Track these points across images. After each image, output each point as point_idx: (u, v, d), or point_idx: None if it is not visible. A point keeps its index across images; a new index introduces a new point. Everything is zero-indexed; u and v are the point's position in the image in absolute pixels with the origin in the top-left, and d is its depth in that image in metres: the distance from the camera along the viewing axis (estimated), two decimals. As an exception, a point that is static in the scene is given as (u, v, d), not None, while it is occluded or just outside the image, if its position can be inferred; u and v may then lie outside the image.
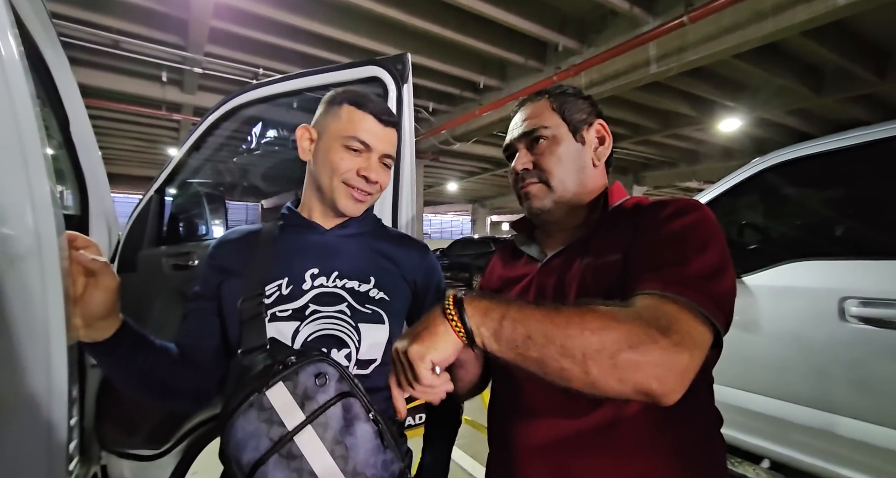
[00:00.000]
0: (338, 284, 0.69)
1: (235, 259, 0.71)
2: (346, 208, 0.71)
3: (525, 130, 0.67)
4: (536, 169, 0.66)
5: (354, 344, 0.68)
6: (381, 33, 5.00)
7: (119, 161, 11.76)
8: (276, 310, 0.66)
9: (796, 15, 3.46)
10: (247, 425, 0.55)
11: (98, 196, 1.23)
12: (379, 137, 0.70)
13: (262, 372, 0.59)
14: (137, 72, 5.84)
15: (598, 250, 0.59)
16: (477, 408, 2.02)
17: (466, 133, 7.53)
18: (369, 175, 0.69)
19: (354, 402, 0.59)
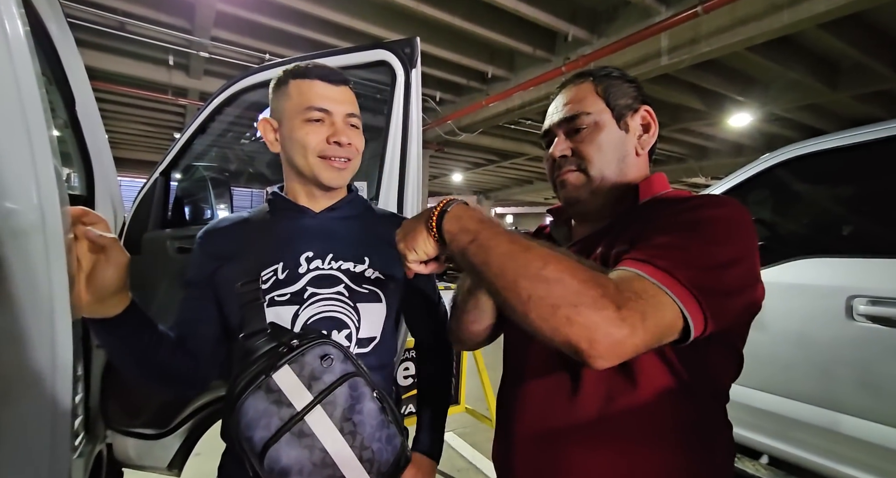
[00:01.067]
0: (333, 266, 0.69)
1: (228, 246, 0.71)
2: (329, 181, 0.70)
3: (565, 116, 0.63)
4: (575, 156, 0.62)
5: (354, 324, 0.69)
6: (389, 20, 4.93)
7: (124, 145, 11.76)
8: (273, 295, 0.66)
9: (814, 6, 3.37)
10: (257, 404, 0.57)
11: (104, 177, 1.23)
12: (334, 98, 0.69)
13: (266, 355, 0.60)
14: (143, 55, 5.80)
15: (612, 241, 0.56)
16: (478, 398, 2.04)
17: (473, 124, 7.46)
18: (340, 139, 0.67)
19: (359, 381, 0.61)
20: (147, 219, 1.34)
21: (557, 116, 0.65)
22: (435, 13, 4.61)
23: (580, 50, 5.15)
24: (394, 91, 1.15)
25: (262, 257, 0.68)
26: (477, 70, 6.26)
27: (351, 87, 0.73)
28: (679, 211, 0.53)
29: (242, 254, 0.69)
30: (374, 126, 1.24)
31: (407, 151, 1.16)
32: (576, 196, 0.63)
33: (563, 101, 0.65)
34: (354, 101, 0.72)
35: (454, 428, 2.45)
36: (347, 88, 0.71)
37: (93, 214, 0.55)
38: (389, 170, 1.17)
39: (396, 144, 1.16)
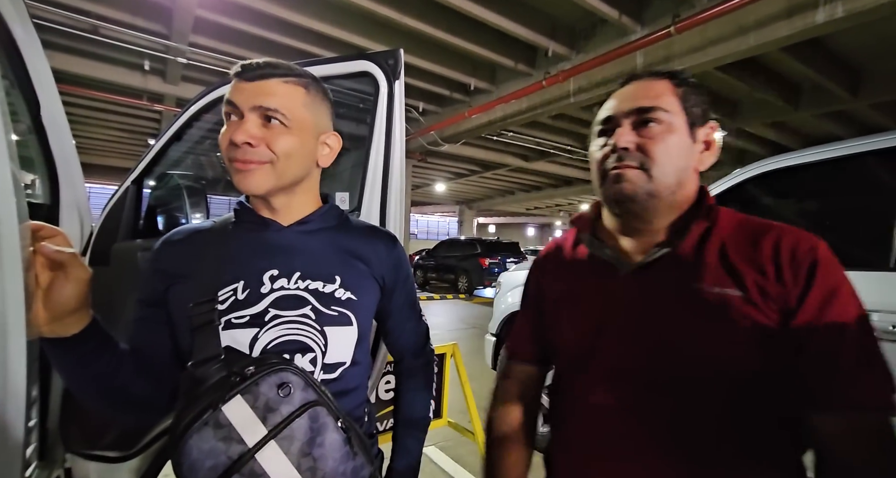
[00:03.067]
0: (300, 286, 0.63)
1: (183, 261, 0.63)
2: (239, 185, 0.60)
3: (641, 106, 0.57)
4: (640, 152, 0.56)
5: (320, 348, 0.62)
6: (372, 31, 4.96)
7: (97, 151, 11.34)
8: (231, 317, 0.60)
9: (777, 30, 3.57)
10: (202, 444, 0.50)
11: (70, 185, 1.17)
12: (244, 91, 0.59)
13: (217, 385, 0.54)
14: (118, 59, 5.65)
15: (715, 276, 0.53)
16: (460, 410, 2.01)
17: (455, 134, 7.54)
18: (234, 137, 0.58)
19: (321, 410, 0.55)
20: (117, 229, 1.29)
21: (629, 105, 0.58)
22: (418, 25, 4.67)
23: (560, 65, 5.30)
24: (377, 102, 1.14)
25: (221, 275, 0.61)
26: (460, 82, 6.36)
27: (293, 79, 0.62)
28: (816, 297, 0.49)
29: (199, 271, 0.62)
30: (357, 136, 1.23)
31: (390, 162, 1.15)
32: (631, 194, 0.57)
33: (638, 91, 0.59)
34: (281, 93, 0.60)
35: (436, 442, 2.41)
36: (267, 81, 0.60)
37: (48, 228, 0.51)
38: (372, 181, 1.16)
39: (379, 155, 1.15)
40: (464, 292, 10.24)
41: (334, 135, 0.68)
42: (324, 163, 0.68)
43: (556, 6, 4.71)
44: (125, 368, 0.60)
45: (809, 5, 3.38)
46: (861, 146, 1.51)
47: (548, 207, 21.67)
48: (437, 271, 11.36)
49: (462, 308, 8.01)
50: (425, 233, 30.74)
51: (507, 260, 10.00)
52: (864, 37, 4.51)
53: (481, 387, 3.28)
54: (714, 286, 0.52)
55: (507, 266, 9.27)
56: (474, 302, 8.90)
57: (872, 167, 1.51)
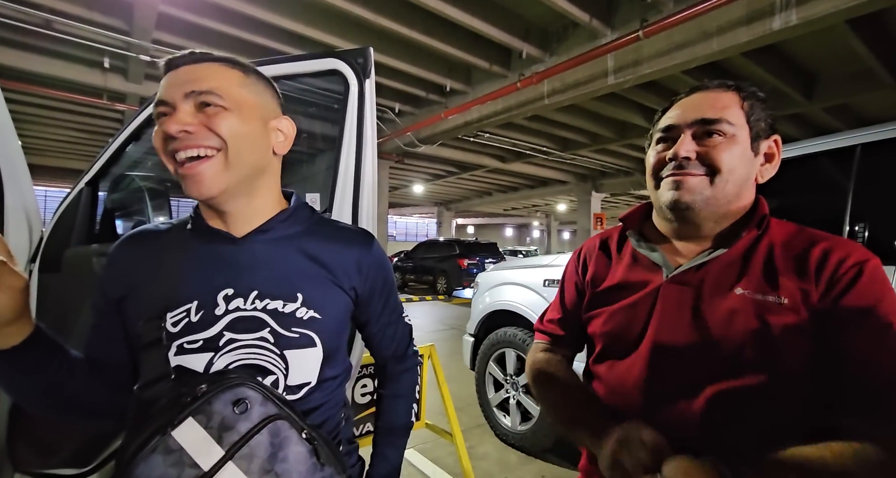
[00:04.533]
0: (258, 306, 0.58)
1: (137, 269, 0.59)
2: (190, 190, 0.55)
3: (706, 117, 0.58)
4: (700, 161, 0.58)
5: (282, 372, 0.58)
6: (346, 30, 4.89)
7: (54, 152, 10.73)
8: (183, 341, 0.55)
9: (738, 36, 3.73)
10: (150, 472, 0.46)
11: (16, 187, 1.10)
12: (175, 82, 0.54)
13: (167, 406, 0.50)
14: (75, 56, 5.35)
15: (758, 283, 0.54)
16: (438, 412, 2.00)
17: (432, 136, 7.53)
18: (168, 128, 0.51)
19: (283, 424, 0.51)
20: (70, 233, 1.21)
21: (693, 115, 0.59)
22: (393, 25, 4.64)
23: (534, 67, 5.38)
24: (347, 101, 1.12)
25: (173, 292, 0.57)
26: (435, 83, 6.35)
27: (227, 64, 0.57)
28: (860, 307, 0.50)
29: (151, 282, 0.58)
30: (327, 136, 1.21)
31: (362, 162, 1.13)
32: (690, 201, 0.58)
33: (704, 101, 0.60)
34: (213, 75, 0.55)
35: (414, 444, 2.39)
36: (192, 66, 0.55)
37: None
38: (343, 181, 1.13)
39: (351, 155, 1.13)
40: (443, 294, 10.23)
41: (286, 119, 0.63)
42: (280, 150, 0.62)
43: (528, 8, 4.77)
44: (78, 376, 0.56)
45: (767, 13, 3.54)
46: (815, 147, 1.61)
47: (525, 208, 21.94)
48: (415, 273, 11.32)
49: (441, 309, 8.00)
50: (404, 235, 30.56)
51: (486, 261, 10.06)
52: (818, 44, 4.77)
53: (460, 388, 3.27)
54: (756, 293, 0.54)
55: (486, 267, 9.32)
56: (453, 303, 8.91)
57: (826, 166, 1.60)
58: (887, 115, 5.20)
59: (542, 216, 25.48)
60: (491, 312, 2.60)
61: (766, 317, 0.52)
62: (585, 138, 8.97)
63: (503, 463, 2.26)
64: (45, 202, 15.22)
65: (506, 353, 2.48)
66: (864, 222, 1.41)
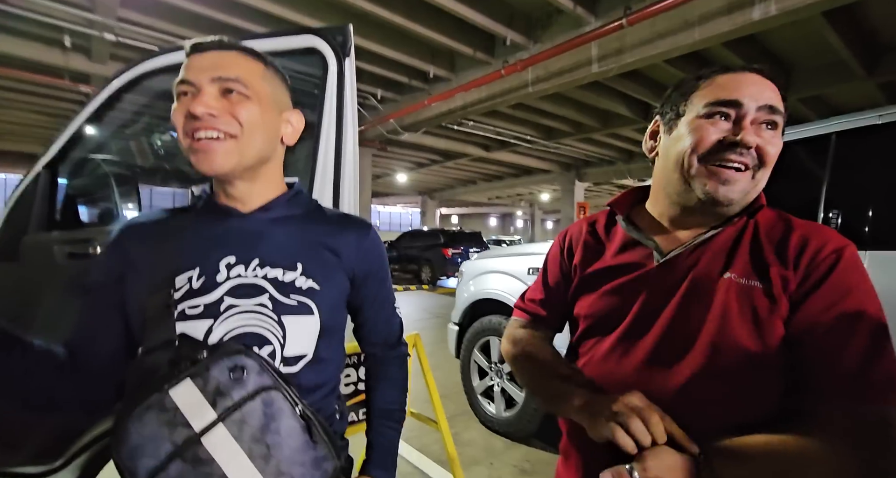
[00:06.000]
0: (258, 274, 0.60)
1: (143, 247, 0.61)
2: (199, 164, 0.57)
3: (773, 105, 0.55)
4: (757, 153, 0.55)
5: (279, 340, 0.59)
6: (324, 12, 4.72)
7: (11, 136, 10.14)
8: (184, 306, 0.57)
9: (720, 26, 3.76)
10: (143, 428, 0.48)
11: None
12: (201, 66, 0.57)
13: (168, 371, 0.51)
14: (31, 33, 5.01)
15: (745, 268, 0.55)
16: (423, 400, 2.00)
17: (415, 123, 7.42)
18: (194, 109, 0.54)
19: (276, 395, 0.52)
20: (27, 220, 1.14)
21: (763, 98, 0.55)
22: (374, 8, 4.50)
23: (518, 54, 5.32)
24: (325, 82, 1.07)
25: (176, 262, 0.59)
26: (418, 69, 6.23)
27: (250, 54, 0.61)
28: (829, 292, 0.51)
29: (156, 258, 0.60)
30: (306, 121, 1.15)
31: (342, 145, 1.09)
32: (734, 199, 0.55)
33: (766, 88, 0.56)
34: (238, 64, 0.58)
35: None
36: (219, 52, 0.59)
37: None
38: (323, 166, 1.09)
39: (330, 139, 1.08)
40: (427, 283, 10.23)
41: (297, 112, 0.67)
42: (288, 141, 0.67)
43: (513, -6, 4.71)
44: (43, 367, 0.54)
45: (747, 3, 3.58)
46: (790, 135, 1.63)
47: (509, 197, 22.03)
48: (400, 262, 11.27)
49: (426, 299, 8.00)
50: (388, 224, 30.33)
51: (470, 250, 10.09)
52: (795, 35, 4.86)
53: (445, 376, 3.29)
54: (743, 278, 0.54)
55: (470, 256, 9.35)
56: (438, 292, 8.92)
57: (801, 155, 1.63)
58: (858, 106, 5.37)
59: (526, 205, 25.65)
60: (475, 301, 2.61)
61: (752, 302, 0.53)
62: (569, 127, 9.00)
63: (489, 449, 2.29)
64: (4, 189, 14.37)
65: (490, 341, 2.50)
66: (838, 209, 1.45)
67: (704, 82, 0.60)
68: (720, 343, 0.53)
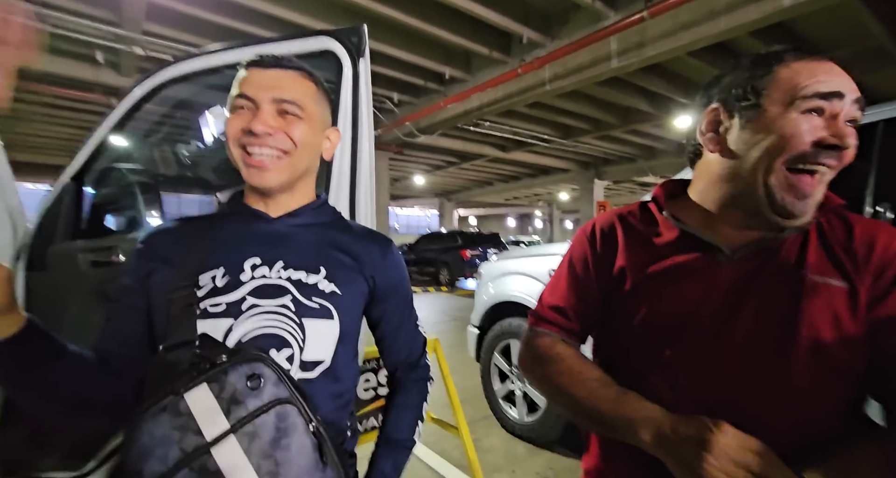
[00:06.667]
0: (282, 275, 0.60)
1: (170, 248, 0.62)
2: (251, 179, 0.61)
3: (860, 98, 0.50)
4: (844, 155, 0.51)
5: (298, 343, 0.59)
6: (341, 17, 4.77)
7: (46, 149, 10.65)
8: (207, 304, 0.57)
9: (747, 14, 3.61)
10: (155, 429, 0.47)
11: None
12: (261, 83, 0.60)
13: (186, 371, 0.51)
14: (64, 50, 5.25)
15: (820, 266, 0.52)
16: (443, 405, 1.97)
17: (431, 125, 7.42)
18: (254, 127, 0.58)
19: (291, 410, 0.51)
20: (55, 230, 1.16)
21: (856, 92, 0.50)
22: (390, 12, 4.52)
23: (535, 52, 5.25)
24: (340, 84, 1.05)
25: (202, 261, 0.60)
26: (434, 71, 6.23)
27: (305, 74, 0.64)
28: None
29: (183, 257, 0.60)
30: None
31: (358, 149, 1.07)
32: (806, 212, 0.52)
33: (847, 77, 0.51)
34: (295, 86, 0.62)
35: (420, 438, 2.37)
36: (285, 71, 0.62)
37: None
38: (339, 170, 1.07)
39: (346, 143, 1.06)
40: (446, 285, 10.21)
41: (335, 129, 0.71)
42: (326, 156, 0.70)
43: (528, -9, 4.64)
44: (79, 369, 0.55)
45: (776, -11, 3.42)
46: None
47: (526, 197, 21.81)
48: (418, 265, 11.30)
49: (444, 301, 7.98)
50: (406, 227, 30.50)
51: (489, 251, 10.02)
52: (828, 21, 4.62)
53: (464, 380, 3.25)
54: (820, 276, 0.51)
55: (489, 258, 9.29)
56: (457, 294, 8.89)
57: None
58: (899, 95, 5.08)
59: (545, 205, 25.35)
60: (495, 304, 2.56)
61: (833, 301, 0.50)
62: (588, 125, 8.83)
63: (510, 455, 2.24)
64: (45, 200, 15.12)
65: (511, 344, 2.44)
66: (888, 202, 1.34)
67: (780, 67, 0.53)
68: (810, 348, 0.50)
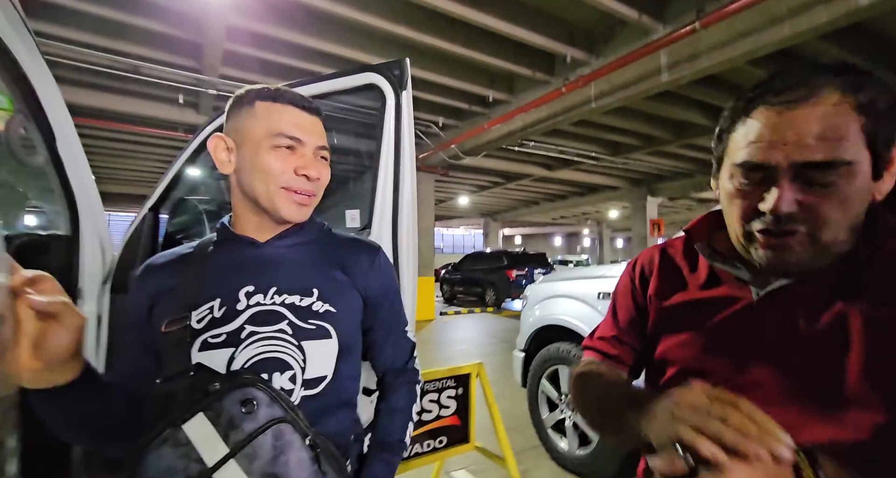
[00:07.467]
0: (276, 301, 0.63)
1: (166, 281, 0.64)
2: (291, 216, 0.65)
3: (815, 160, 0.42)
4: (807, 214, 0.44)
5: (299, 364, 0.62)
6: (391, 51, 5.05)
7: (133, 182, 12.10)
8: (207, 336, 0.59)
9: (815, 17, 3.35)
10: (159, 462, 0.51)
11: (90, 215, 1.19)
12: (307, 128, 0.64)
13: (182, 402, 0.54)
14: (155, 95, 6.02)
15: (880, 297, 0.44)
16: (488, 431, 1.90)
17: (476, 147, 7.52)
18: (309, 173, 0.63)
19: (286, 428, 0.54)
20: (136, 255, 1.30)
21: (796, 155, 0.43)
22: (435, 41, 4.72)
23: (579, 70, 5.21)
24: (384, 115, 1.11)
25: (197, 293, 0.62)
26: (478, 95, 6.36)
27: (322, 119, 0.69)
28: None
29: (177, 290, 0.62)
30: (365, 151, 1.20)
31: (400, 176, 1.11)
32: (791, 263, 0.47)
33: (806, 129, 0.43)
34: (323, 132, 0.68)
35: (466, 465, 2.29)
36: (319, 120, 0.68)
37: (38, 276, 0.48)
38: (382, 196, 1.11)
39: (389, 170, 1.11)
40: (491, 306, 10.05)
41: None
42: None
43: (571, 12, 4.64)
44: (113, 403, 0.58)
45: (848, -12, 3.16)
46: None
47: (574, 216, 21.19)
48: (463, 285, 11.25)
49: (491, 322, 7.84)
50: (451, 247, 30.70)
51: (535, 271, 9.78)
52: (912, 17, 4.17)
53: (511, 406, 3.13)
54: (868, 308, 0.45)
55: (535, 278, 9.05)
56: (503, 315, 8.71)
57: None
58: None
59: (594, 224, 24.45)
60: (542, 327, 2.47)
61: (880, 334, 0.44)
62: (638, 141, 8.51)
63: (561, 491, 2.10)
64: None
65: (559, 370, 2.33)
66: None
67: (740, 121, 0.49)
68: (855, 386, 0.44)
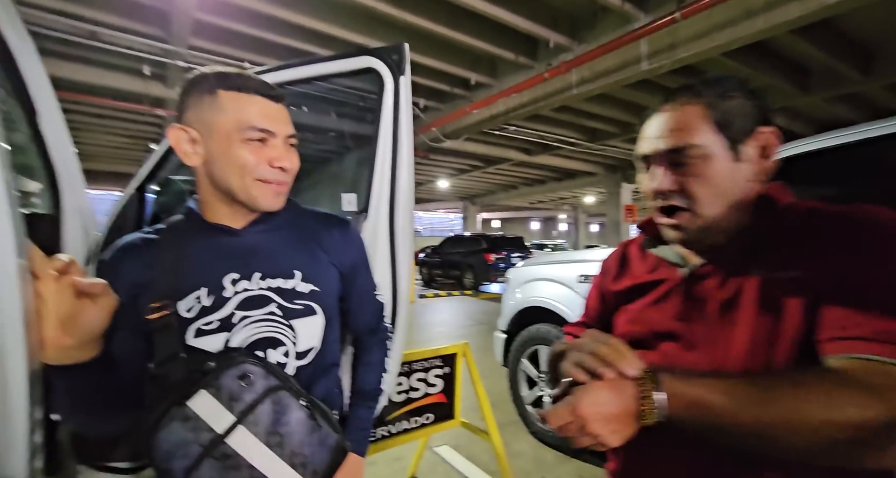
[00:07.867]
0: (262, 285, 0.66)
1: (143, 273, 0.63)
2: (269, 206, 0.67)
3: (669, 147, 0.56)
4: (681, 192, 0.57)
5: (291, 340, 0.68)
6: (370, 28, 4.91)
7: (100, 157, 11.41)
8: (199, 324, 0.62)
9: (788, 12, 3.48)
10: (170, 437, 0.55)
11: (72, 193, 1.15)
12: (276, 118, 0.65)
13: (180, 383, 0.58)
14: (117, 65, 5.64)
15: (771, 264, 0.52)
16: (473, 408, 1.99)
17: (457, 130, 7.48)
18: (283, 164, 0.65)
19: (283, 394, 0.60)
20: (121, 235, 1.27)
21: (661, 144, 0.57)
22: (417, 20, 4.62)
23: (562, 56, 5.23)
24: (382, 100, 1.11)
25: (179, 283, 0.62)
26: (460, 77, 6.29)
27: (286, 104, 0.69)
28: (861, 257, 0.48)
29: (156, 278, 0.62)
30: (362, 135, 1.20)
31: (397, 162, 1.12)
32: (684, 238, 0.59)
33: (668, 126, 0.57)
34: (290, 119, 0.68)
35: (448, 441, 2.40)
36: (284, 106, 0.67)
37: (73, 260, 0.51)
38: (380, 182, 1.12)
39: (386, 155, 1.12)
40: (470, 289, 10.21)
41: None
42: None
43: (556, -4, 4.63)
44: (118, 381, 0.60)
45: (819, -15, 3.29)
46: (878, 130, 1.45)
47: (551, 201, 21.54)
48: (442, 268, 11.34)
49: (469, 305, 7.99)
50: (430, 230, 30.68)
51: (513, 255, 9.96)
52: (876, 16, 4.38)
53: (492, 384, 3.25)
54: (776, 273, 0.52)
55: (513, 261, 9.23)
56: (481, 298, 8.88)
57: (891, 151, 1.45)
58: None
59: (570, 209, 24.95)
60: (523, 309, 2.56)
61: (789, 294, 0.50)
62: (616, 128, 8.67)
63: (539, 461, 2.23)
64: (95, 204, 16.22)
65: (539, 350, 2.44)
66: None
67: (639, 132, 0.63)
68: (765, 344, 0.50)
